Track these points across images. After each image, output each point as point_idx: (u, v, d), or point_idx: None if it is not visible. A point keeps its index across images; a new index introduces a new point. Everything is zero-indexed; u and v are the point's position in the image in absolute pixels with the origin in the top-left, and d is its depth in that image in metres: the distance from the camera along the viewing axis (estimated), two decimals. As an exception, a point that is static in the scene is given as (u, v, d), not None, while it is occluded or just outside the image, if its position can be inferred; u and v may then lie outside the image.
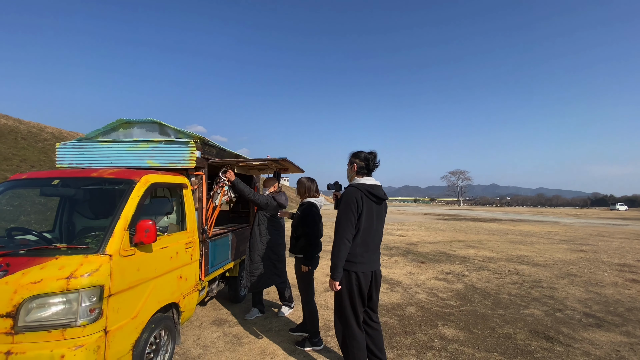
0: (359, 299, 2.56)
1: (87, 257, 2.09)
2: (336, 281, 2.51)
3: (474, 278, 6.40)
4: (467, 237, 13.25)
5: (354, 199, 2.50)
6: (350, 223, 2.47)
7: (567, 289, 5.71)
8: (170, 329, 2.82)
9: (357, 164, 2.68)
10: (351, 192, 2.55)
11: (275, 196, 4.12)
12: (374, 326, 2.73)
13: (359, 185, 2.59)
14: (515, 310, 4.57)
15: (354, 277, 2.53)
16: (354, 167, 2.69)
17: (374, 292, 2.66)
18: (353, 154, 2.75)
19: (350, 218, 2.47)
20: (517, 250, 10.03)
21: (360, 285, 2.54)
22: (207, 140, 3.53)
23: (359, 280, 2.53)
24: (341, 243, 2.46)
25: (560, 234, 14.88)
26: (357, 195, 2.52)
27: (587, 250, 10.08)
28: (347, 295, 2.56)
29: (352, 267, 2.53)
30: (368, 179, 2.66)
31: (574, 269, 7.32)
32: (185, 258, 3.05)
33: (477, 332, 3.80)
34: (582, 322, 4.16)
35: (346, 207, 2.50)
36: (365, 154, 2.71)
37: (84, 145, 3.44)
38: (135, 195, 2.49)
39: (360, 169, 2.68)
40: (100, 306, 2.04)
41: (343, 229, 2.48)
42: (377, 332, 2.74)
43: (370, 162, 2.69)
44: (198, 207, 3.45)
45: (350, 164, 2.75)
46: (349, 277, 2.54)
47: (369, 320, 2.72)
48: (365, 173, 2.69)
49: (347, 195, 2.55)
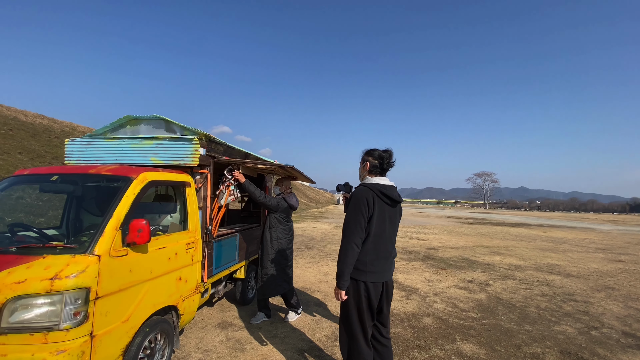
0: (367, 312, 2.30)
1: (74, 257, 1.99)
2: (342, 290, 2.27)
3: (498, 288, 5.96)
4: (493, 243, 12.58)
5: (365, 200, 2.26)
6: (360, 226, 2.23)
7: (603, 303, 5.19)
8: (168, 332, 2.70)
9: (370, 162, 2.44)
10: (362, 192, 2.31)
11: (286, 197, 3.99)
12: (383, 342, 2.46)
13: (370, 185, 2.34)
14: (544, 326, 4.16)
15: (363, 287, 2.28)
16: (367, 165, 2.45)
17: (385, 305, 2.40)
18: (366, 152, 2.51)
19: (359, 220, 2.23)
20: (548, 258, 9.37)
21: (369, 296, 2.29)
22: (213, 137, 3.42)
23: (368, 291, 2.28)
24: (349, 247, 2.22)
25: (596, 242, 13.85)
26: (368, 195, 2.28)
27: (627, 261, 9.26)
28: (355, 307, 2.31)
29: (361, 276, 2.28)
30: (381, 179, 2.40)
31: (612, 282, 6.69)
32: (186, 259, 2.93)
33: (500, 349, 3.46)
34: (620, 343, 3.71)
35: (355, 209, 2.26)
36: (379, 151, 2.46)
37: (91, 141, 3.42)
38: (131, 193, 2.38)
39: (373, 167, 2.43)
40: (85, 309, 1.94)
41: (351, 232, 2.24)
42: (387, 349, 2.47)
43: (385, 161, 2.43)
44: (202, 206, 3.33)
45: (362, 162, 2.51)
46: (357, 287, 2.29)
47: (378, 336, 2.45)
48: (379, 172, 2.44)
49: (357, 196, 2.31)
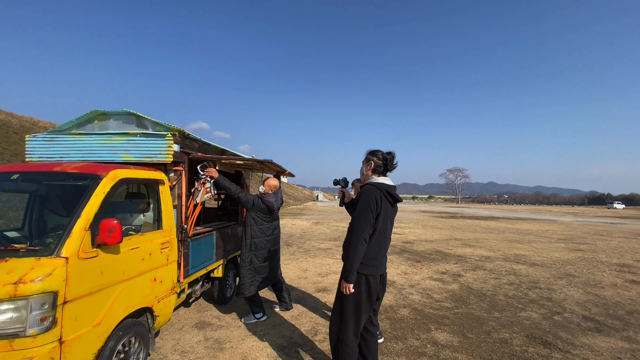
0: (367, 304, 2.41)
1: (40, 260, 1.88)
2: (351, 284, 2.35)
3: (470, 278, 6.23)
4: (464, 236, 13.09)
5: (374, 198, 2.37)
6: (369, 223, 2.35)
7: (565, 290, 5.55)
8: (143, 335, 2.62)
9: (375, 162, 2.57)
10: (371, 190, 2.41)
11: (264, 197, 3.86)
12: (371, 330, 2.59)
13: (378, 185, 2.46)
14: (511, 313, 4.40)
15: (364, 280, 2.38)
16: (371, 164, 2.57)
17: (381, 294, 2.54)
18: (370, 152, 2.65)
19: (369, 218, 2.34)
20: (515, 249, 9.87)
21: (370, 289, 2.40)
22: (187, 133, 3.32)
23: (369, 284, 2.39)
24: (359, 243, 2.32)
25: (558, 233, 14.74)
26: (377, 194, 2.39)
27: (586, 250, 9.93)
28: (353, 299, 2.40)
29: (363, 269, 2.38)
30: (386, 179, 2.54)
31: (572, 269, 7.16)
32: (161, 259, 2.85)
33: (472, 337, 3.63)
34: (581, 327, 3.99)
35: (365, 206, 2.36)
36: (383, 153, 2.60)
37: (55, 137, 3.22)
38: (100, 192, 2.28)
39: (377, 167, 2.57)
40: (53, 314, 1.84)
41: (362, 228, 2.34)
42: (373, 337, 2.60)
43: (389, 162, 2.58)
44: (177, 204, 3.24)
45: (366, 161, 2.63)
46: (359, 281, 2.38)
47: (367, 324, 2.58)
48: (382, 172, 2.58)
49: (366, 194, 2.40)
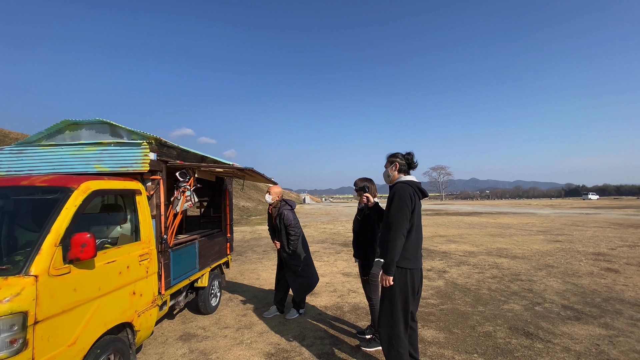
0: (412, 297, 2.53)
1: (7, 279, 1.79)
2: (391, 276, 2.46)
3: (454, 274, 6.34)
4: (449, 232, 13.33)
5: (409, 195, 2.51)
6: (407, 218, 2.47)
7: (545, 280, 5.73)
8: (123, 351, 2.53)
9: (399, 162, 2.74)
10: (405, 188, 2.55)
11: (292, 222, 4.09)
12: (412, 326, 2.70)
13: (409, 182, 2.60)
14: (495, 306, 4.50)
15: (409, 274, 2.49)
16: (396, 165, 2.74)
17: (420, 289, 2.65)
18: (391, 155, 2.82)
19: (406, 213, 2.47)
20: (497, 243, 10.13)
21: (413, 282, 2.52)
22: (164, 141, 3.25)
23: (413, 277, 2.51)
24: (398, 238, 2.43)
25: (537, 225, 15.22)
26: (410, 191, 2.54)
27: (563, 241, 10.30)
28: (401, 294, 2.49)
29: (407, 264, 2.49)
30: (412, 177, 2.69)
31: (551, 260, 7.41)
32: (140, 271, 2.76)
33: (457, 332, 3.69)
34: (560, 316, 4.12)
35: (401, 202, 2.49)
36: (402, 154, 2.79)
37: (23, 150, 3.10)
38: (71, 205, 2.19)
39: (402, 167, 2.74)
40: (23, 336, 1.75)
41: (400, 223, 2.45)
42: (414, 332, 2.75)
43: (411, 161, 2.75)
44: (155, 214, 3.16)
45: (390, 163, 2.79)
46: (404, 275, 2.49)
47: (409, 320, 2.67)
48: (406, 171, 2.75)
49: (400, 191, 2.53)
